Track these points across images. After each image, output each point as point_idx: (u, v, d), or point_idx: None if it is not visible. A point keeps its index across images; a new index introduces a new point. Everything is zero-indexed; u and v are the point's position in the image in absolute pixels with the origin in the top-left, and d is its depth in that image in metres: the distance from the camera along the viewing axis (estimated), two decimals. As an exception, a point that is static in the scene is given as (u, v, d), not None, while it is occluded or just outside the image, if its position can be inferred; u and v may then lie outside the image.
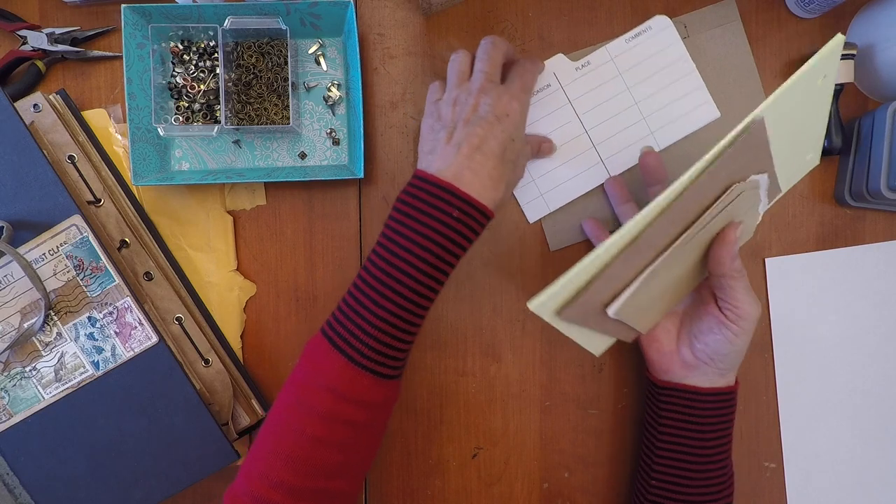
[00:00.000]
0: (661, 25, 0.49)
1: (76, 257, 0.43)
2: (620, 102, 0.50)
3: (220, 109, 0.47)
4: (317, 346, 0.39)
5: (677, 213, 0.34)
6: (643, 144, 0.49)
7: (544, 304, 0.33)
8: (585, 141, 0.50)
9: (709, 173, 0.34)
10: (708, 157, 0.33)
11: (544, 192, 0.50)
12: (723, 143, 0.33)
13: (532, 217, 0.50)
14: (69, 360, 0.44)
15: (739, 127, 0.33)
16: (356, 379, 0.37)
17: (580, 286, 0.34)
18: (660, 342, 0.45)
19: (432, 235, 0.37)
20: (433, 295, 0.39)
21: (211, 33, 0.48)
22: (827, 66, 0.36)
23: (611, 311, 0.36)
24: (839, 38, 0.35)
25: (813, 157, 0.45)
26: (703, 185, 0.34)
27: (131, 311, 0.44)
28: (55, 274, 0.43)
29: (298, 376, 0.39)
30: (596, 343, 0.43)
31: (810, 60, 0.34)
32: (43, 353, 0.44)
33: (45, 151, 0.43)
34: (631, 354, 0.51)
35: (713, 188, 0.35)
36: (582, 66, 0.49)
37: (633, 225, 0.33)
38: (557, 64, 0.49)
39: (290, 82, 0.48)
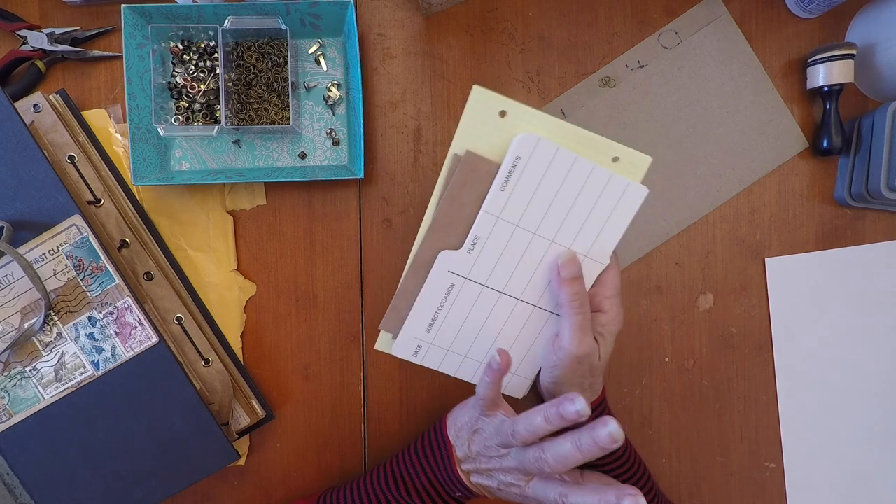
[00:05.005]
0: (526, 146, 0.38)
1: (76, 257, 0.43)
2: (533, 254, 0.41)
3: (220, 109, 0.47)
4: None
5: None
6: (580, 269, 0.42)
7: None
8: (524, 308, 0.42)
9: (447, 199, 0.40)
10: (439, 186, 0.40)
11: (515, 371, 0.45)
12: (444, 173, 0.40)
13: (520, 395, 0.46)
14: (69, 360, 0.44)
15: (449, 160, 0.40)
16: None
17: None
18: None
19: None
20: None
21: (211, 33, 0.48)
22: (491, 104, 0.38)
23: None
24: (476, 90, 0.38)
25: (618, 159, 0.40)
26: (449, 210, 0.40)
27: (131, 311, 0.44)
28: (55, 274, 0.43)
29: None
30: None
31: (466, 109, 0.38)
32: (43, 353, 0.44)
33: (45, 151, 0.43)
34: (629, 355, 0.51)
35: (465, 212, 0.40)
36: (472, 245, 0.40)
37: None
38: (447, 261, 0.41)
39: (290, 82, 0.48)
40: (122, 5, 0.44)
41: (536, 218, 0.40)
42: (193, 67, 0.48)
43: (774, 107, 0.51)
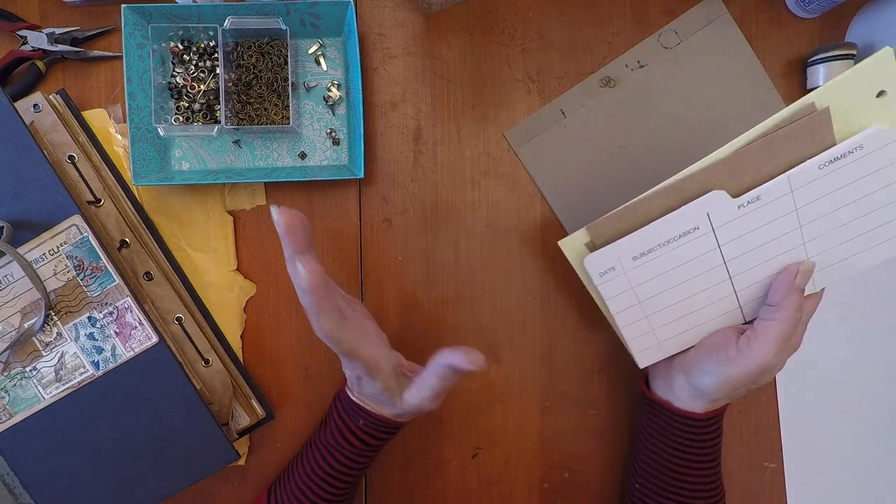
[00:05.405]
0: (879, 141, 0.36)
1: (76, 257, 0.43)
2: (783, 244, 0.39)
3: (220, 109, 0.47)
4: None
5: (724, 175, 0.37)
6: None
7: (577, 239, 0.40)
8: (725, 288, 0.41)
9: (763, 143, 0.36)
10: (762, 126, 0.36)
11: (662, 340, 0.43)
12: (781, 114, 0.36)
13: (644, 363, 0.44)
14: (69, 360, 0.44)
15: (798, 106, 0.36)
16: None
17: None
18: None
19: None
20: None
21: (211, 33, 0.48)
22: (879, 78, 0.35)
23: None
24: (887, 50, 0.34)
25: None
26: (756, 153, 0.36)
27: (131, 311, 0.44)
28: (55, 274, 0.43)
29: None
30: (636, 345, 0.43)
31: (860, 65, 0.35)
32: (43, 353, 0.44)
33: (45, 151, 0.43)
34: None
35: (766, 166, 0.37)
36: (748, 202, 0.38)
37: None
38: (713, 202, 0.38)
39: (290, 82, 0.48)
40: (122, 5, 0.44)
41: (817, 211, 0.37)
42: (193, 67, 0.48)
43: (774, 107, 0.51)
